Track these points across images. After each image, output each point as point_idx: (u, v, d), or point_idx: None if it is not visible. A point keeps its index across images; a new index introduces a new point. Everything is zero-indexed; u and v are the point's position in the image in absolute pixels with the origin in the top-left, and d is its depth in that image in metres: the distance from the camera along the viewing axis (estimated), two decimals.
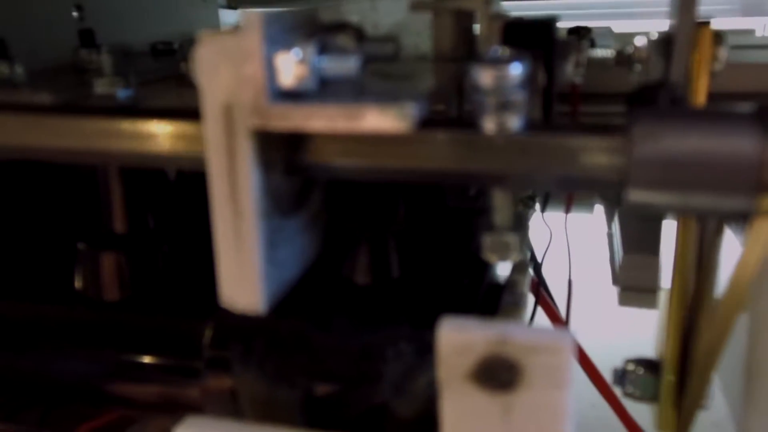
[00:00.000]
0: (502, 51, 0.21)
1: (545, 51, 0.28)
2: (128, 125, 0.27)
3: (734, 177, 0.21)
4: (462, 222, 0.35)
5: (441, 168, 0.23)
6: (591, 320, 0.64)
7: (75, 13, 0.48)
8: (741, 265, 0.25)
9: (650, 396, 0.32)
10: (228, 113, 0.23)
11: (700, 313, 0.30)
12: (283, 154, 0.25)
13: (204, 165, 0.24)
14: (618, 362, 0.33)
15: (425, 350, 0.29)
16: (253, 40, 0.22)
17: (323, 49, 0.23)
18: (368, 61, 0.27)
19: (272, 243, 0.25)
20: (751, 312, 0.32)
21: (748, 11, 0.77)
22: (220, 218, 0.25)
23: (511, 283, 0.36)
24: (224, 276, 0.25)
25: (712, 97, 0.42)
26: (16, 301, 0.36)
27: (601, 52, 0.31)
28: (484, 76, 0.20)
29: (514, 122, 0.21)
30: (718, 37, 0.30)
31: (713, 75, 0.31)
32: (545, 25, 0.29)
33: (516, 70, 0.20)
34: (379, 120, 0.22)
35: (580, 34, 0.53)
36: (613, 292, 0.49)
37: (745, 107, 0.22)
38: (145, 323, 0.35)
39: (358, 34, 0.27)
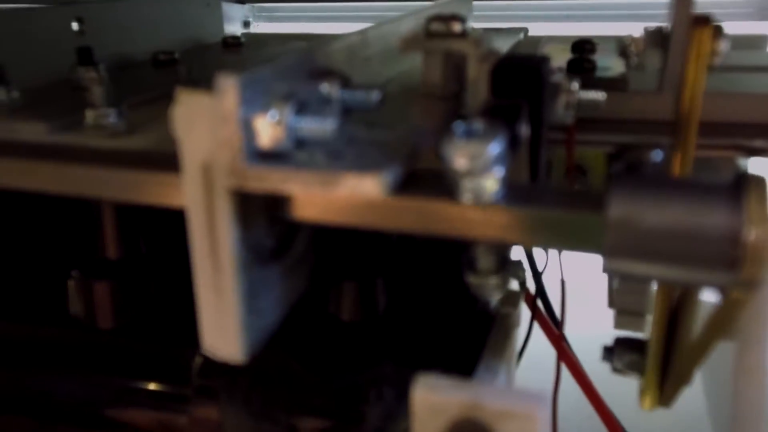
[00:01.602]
0: (476, 124, 0.21)
1: (532, 100, 0.28)
2: (115, 175, 0.27)
3: (709, 253, 0.21)
4: (452, 253, 0.35)
5: (418, 228, 0.23)
6: (587, 325, 0.64)
7: (74, 25, 0.48)
8: (712, 324, 0.25)
9: (637, 374, 0.33)
10: (206, 172, 0.23)
11: (686, 309, 0.30)
12: (265, 209, 0.25)
13: None
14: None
15: (407, 393, 0.29)
16: (229, 104, 0.22)
17: (301, 109, 0.23)
18: (352, 108, 0.27)
19: (253, 294, 0.26)
20: (737, 356, 0.32)
21: (764, 15, 0.75)
22: (200, 271, 0.25)
23: (501, 316, 0.36)
24: (205, 326, 0.26)
25: (714, 126, 0.41)
26: (7, 322, 0.36)
27: (593, 94, 0.31)
28: (458, 159, 0.20)
29: (491, 195, 0.21)
30: (717, 30, 0.29)
31: (711, 69, 0.30)
32: (535, 68, 0.29)
33: (494, 149, 0.20)
34: (355, 186, 0.22)
35: (585, 49, 0.53)
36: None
37: (725, 178, 0.22)
38: (137, 349, 0.35)
39: (344, 81, 0.27)
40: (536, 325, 0.52)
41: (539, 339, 0.51)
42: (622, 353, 0.33)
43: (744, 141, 0.37)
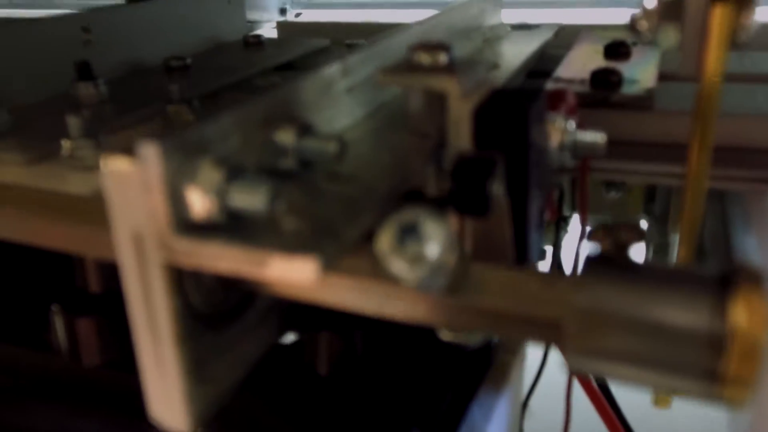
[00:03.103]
0: (413, 217, 0.18)
1: (516, 145, 0.25)
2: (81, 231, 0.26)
3: (684, 360, 0.18)
4: None
5: (363, 309, 0.21)
6: None
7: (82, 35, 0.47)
8: None
9: None
10: (138, 243, 0.21)
11: None
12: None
13: None
14: None
15: None
16: (153, 173, 0.20)
17: (234, 176, 0.21)
18: (310, 159, 0.25)
19: (201, 362, 0.24)
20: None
21: None
22: (141, 340, 0.23)
23: (498, 364, 0.33)
24: (150, 394, 0.24)
25: (749, 153, 0.37)
26: None
27: (591, 136, 0.27)
28: (393, 264, 0.17)
29: (438, 284, 0.19)
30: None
31: (737, 47, 0.26)
32: (519, 112, 0.26)
33: (433, 250, 0.17)
34: (284, 269, 0.20)
35: (620, 52, 0.48)
36: None
37: (711, 270, 0.19)
38: (116, 385, 0.35)
39: (304, 129, 0.25)
40: None
41: None
42: None
43: None
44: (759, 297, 0.17)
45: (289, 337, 0.33)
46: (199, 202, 0.21)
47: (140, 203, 0.21)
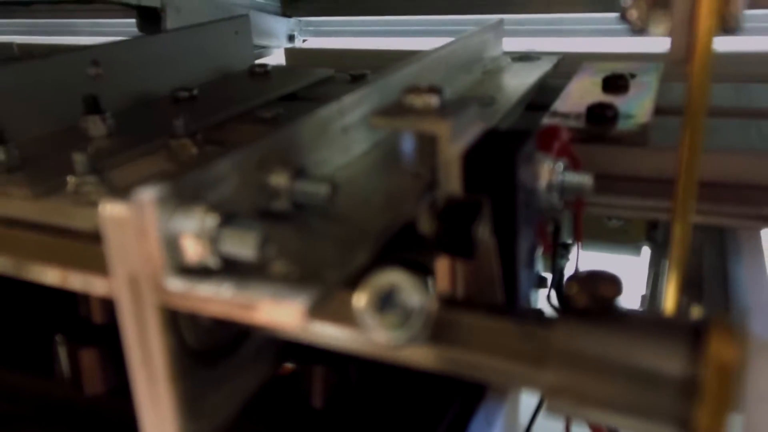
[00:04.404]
0: (392, 286, 0.19)
1: (504, 189, 0.26)
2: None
3: (657, 405, 0.18)
4: None
5: (350, 349, 0.22)
6: None
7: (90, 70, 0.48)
8: None
9: None
10: (134, 284, 0.22)
11: None
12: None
13: None
14: None
15: None
16: (149, 218, 0.21)
17: (227, 222, 0.22)
18: (303, 201, 0.26)
19: (196, 397, 0.25)
20: None
21: None
22: (136, 377, 0.24)
23: (494, 395, 0.33)
24: (146, 429, 0.25)
25: (741, 190, 0.37)
26: None
27: (577, 178, 0.28)
28: (374, 333, 0.18)
29: (419, 339, 0.19)
30: None
31: (726, 33, 0.26)
32: (507, 158, 0.26)
33: (411, 315, 0.18)
34: (271, 313, 0.20)
35: (619, 85, 0.49)
36: None
37: (686, 319, 0.19)
38: (117, 411, 0.35)
39: (297, 172, 0.26)
40: None
41: None
42: None
43: None
44: (730, 347, 0.18)
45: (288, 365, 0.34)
46: (192, 248, 0.22)
47: (136, 247, 0.21)
